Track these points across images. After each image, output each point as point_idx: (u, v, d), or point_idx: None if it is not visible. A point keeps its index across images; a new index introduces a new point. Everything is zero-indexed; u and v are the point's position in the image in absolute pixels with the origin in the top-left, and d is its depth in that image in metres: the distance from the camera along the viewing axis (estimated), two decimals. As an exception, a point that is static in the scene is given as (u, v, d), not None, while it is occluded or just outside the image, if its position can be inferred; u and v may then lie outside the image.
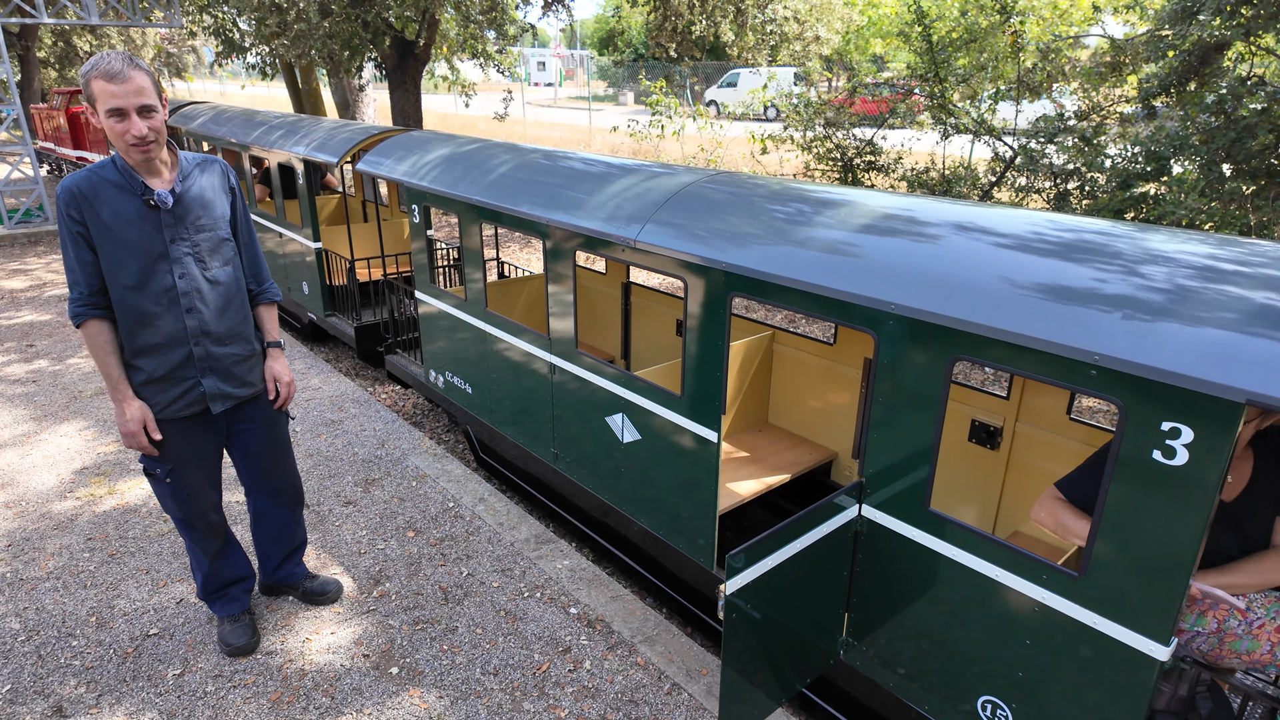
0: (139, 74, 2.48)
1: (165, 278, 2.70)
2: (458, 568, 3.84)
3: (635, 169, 3.73)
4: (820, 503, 2.50)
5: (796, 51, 10.45)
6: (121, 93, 2.45)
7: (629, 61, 23.54)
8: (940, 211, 2.67)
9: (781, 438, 4.16)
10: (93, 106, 2.48)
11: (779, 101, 8.32)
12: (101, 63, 2.44)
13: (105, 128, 2.52)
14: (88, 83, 2.44)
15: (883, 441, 2.53)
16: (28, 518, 4.24)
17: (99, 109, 2.47)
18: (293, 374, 2.98)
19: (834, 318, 2.56)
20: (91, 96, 2.46)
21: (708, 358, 3.02)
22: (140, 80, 2.48)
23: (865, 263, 2.51)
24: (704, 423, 3.11)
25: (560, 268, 3.72)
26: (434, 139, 5.16)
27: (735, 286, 2.84)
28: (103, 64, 2.44)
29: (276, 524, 3.38)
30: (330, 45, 11.26)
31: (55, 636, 3.35)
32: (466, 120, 26.55)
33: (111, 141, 2.57)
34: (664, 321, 4.91)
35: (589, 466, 3.89)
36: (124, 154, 2.59)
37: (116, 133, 2.51)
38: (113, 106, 2.46)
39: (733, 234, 2.91)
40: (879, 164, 7.63)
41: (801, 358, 4.10)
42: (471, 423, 4.91)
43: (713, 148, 10.62)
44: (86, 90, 2.46)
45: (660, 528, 3.53)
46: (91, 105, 2.48)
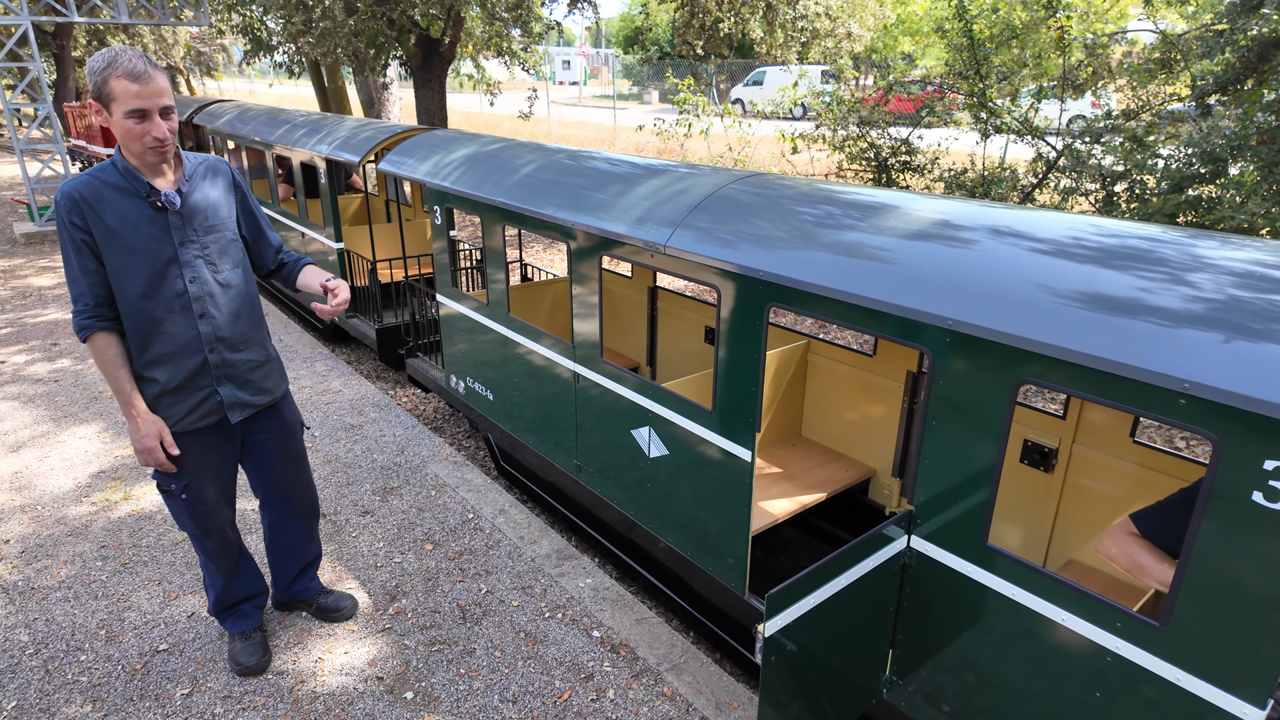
0: (160, 74, 2.39)
1: (176, 282, 2.57)
2: (476, 584, 3.69)
3: (664, 170, 3.56)
4: (867, 535, 2.31)
5: (827, 49, 10.20)
6: (146, 93, 2.34)
7: (655, 60, 23.35)
8: (994, 217, 2.46)
9: (816, 453, 3.96)
10: (106, 106, 2.34)
11: (810, 100, 8.10)
12: (122, 60, 2.30)
13: (119, 128, 2.37)
14: (105, 80, 2.30)
15: (936, 469, 2.33)
16: (43, 523, 4.17)
17: (117, 109, 2.34)
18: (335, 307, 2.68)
19: (881, 332, 2.36)
20: (108, 95, 2.32)
21: (742, 371, 2.83)
22: (162, 80, 2.39)
23: (917, 273, 2.31)
24: (736, 440, 2.92)
25: (585, 272, 3.55)
26: (457, 138, 5.02)
27: (772, 296, 2.66)
28: (124, 62, 2.30)
29: (291, 538, 3.25)
30: (355, 43, 11.20)
31: (64, 650, 3.25)
32: (491, 119, 26.53)
33: (123, 143, 2.43)
34: (692, 328, 4.73)
35: (613, 480, 3.72)
36: (137, 156, 2.46)
37: (135, 134, 2.38)
38: (136, 107, 2.34)
39: (769, 240, 2.72)
40: (914, 164, 7.38)
41: (838, 369, 3.89)
42: (492, 430, 4.76)
43: (740, 147, 10.39)
44: (102, 88, 2.31)
45: (688, 548, 3.35)
46: (105, 104, 2.34)
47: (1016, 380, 2.08)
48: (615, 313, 5.33)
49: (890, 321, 2.33)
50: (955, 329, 2.17)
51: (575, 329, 3.70)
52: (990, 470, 2.19)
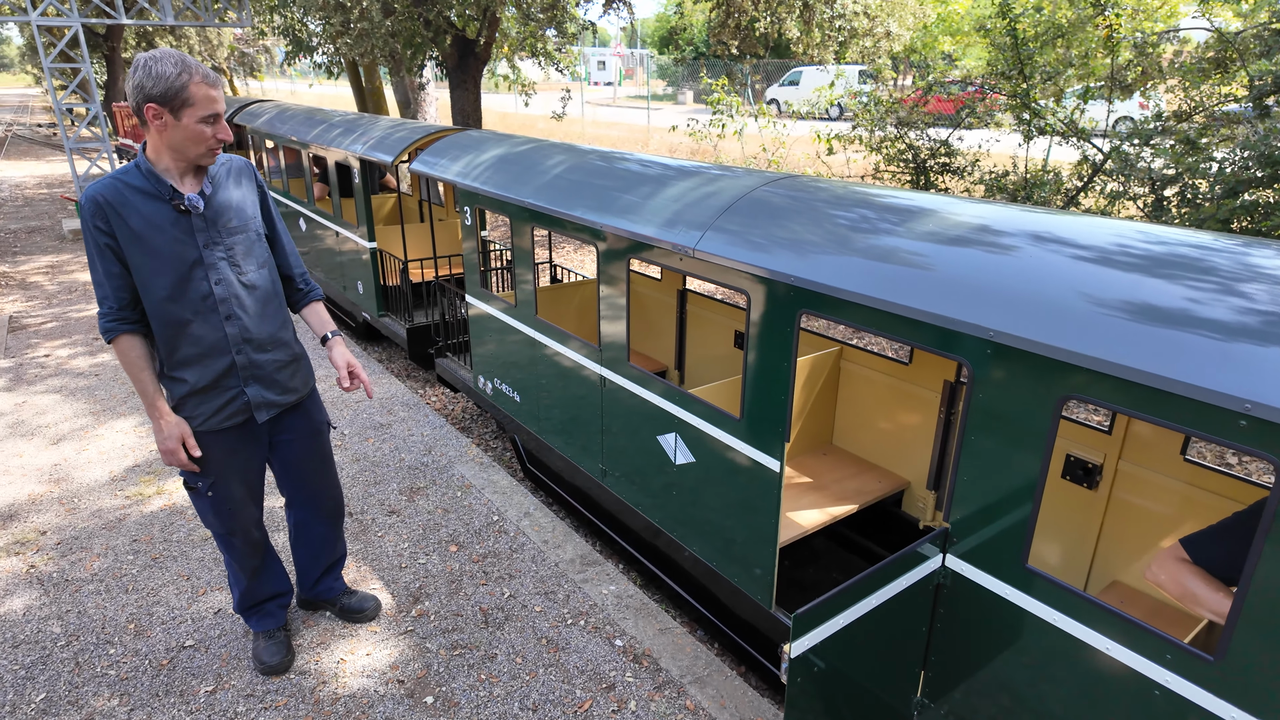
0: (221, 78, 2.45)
1: (201, 284, 2.58)
2: (499, 588, 3.66)
3: (695, 171, 3.49)
4: (900, 553, 2.22)
5: (865, 48, 10.01)
6: (219, 98, 2.44)
7: (689, 60, 23.26)
8: (1036, 222, 2.36)
9: (847, 462, 3.86)
10: (176, 110, 2.36)
11: (847, 100, 7.95)
12: (193, 65, 2.37)
13: (186, 131, 2.40)
14: (184, 85, 2.33)
15: (974, 485, 2.23)
16: (78, 514, 4.24)
17: (191, 114, 2.37)
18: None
19: (917, 341, 2.27)
20: (185, 99, 2.35)
21: (771, 379, 2.76)
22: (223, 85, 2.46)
23: (955, 280, 2.22)
24: (765, 449, 2.85)
25: (613, 275, 3.50)
26: (489, 139, 5.01)
27: (804, 302, 2.58)
28: (196, 66, 2.38)
29: (316, 538, 3.25)
30: (392, 44, 11.31)
31: (94, 643, 3.29)
32: (526, 119, 26.67)
33: (179, 146, 2.44)
34: (721, 332, 4.65)
35: (638, 486, 3.67)
36: (192, 158, 2.49)
37: (203, 137, 2.43)
38: (212, 112, 2.42)
39: (802, 244, 2.64)
40: (954, 166, 7.20)
41: (872, 377, 3.79)
42: (519, 431, 4.74)
43: (775, 148, 10.27)
44: (179, 93, 2.33)
45: (713, 557, 3.28)
46: (175, 108, 2.35)
47: (1061, 395, 1.98)
48: (644, 315, 5.28)
49: (927, 331, 2.24)
50: (996, 340, 2.07)
51: (602, 332, 3.65)
52: (1031, 489, 2.09)
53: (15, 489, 4.50)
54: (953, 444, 3.49)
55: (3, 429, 5.27)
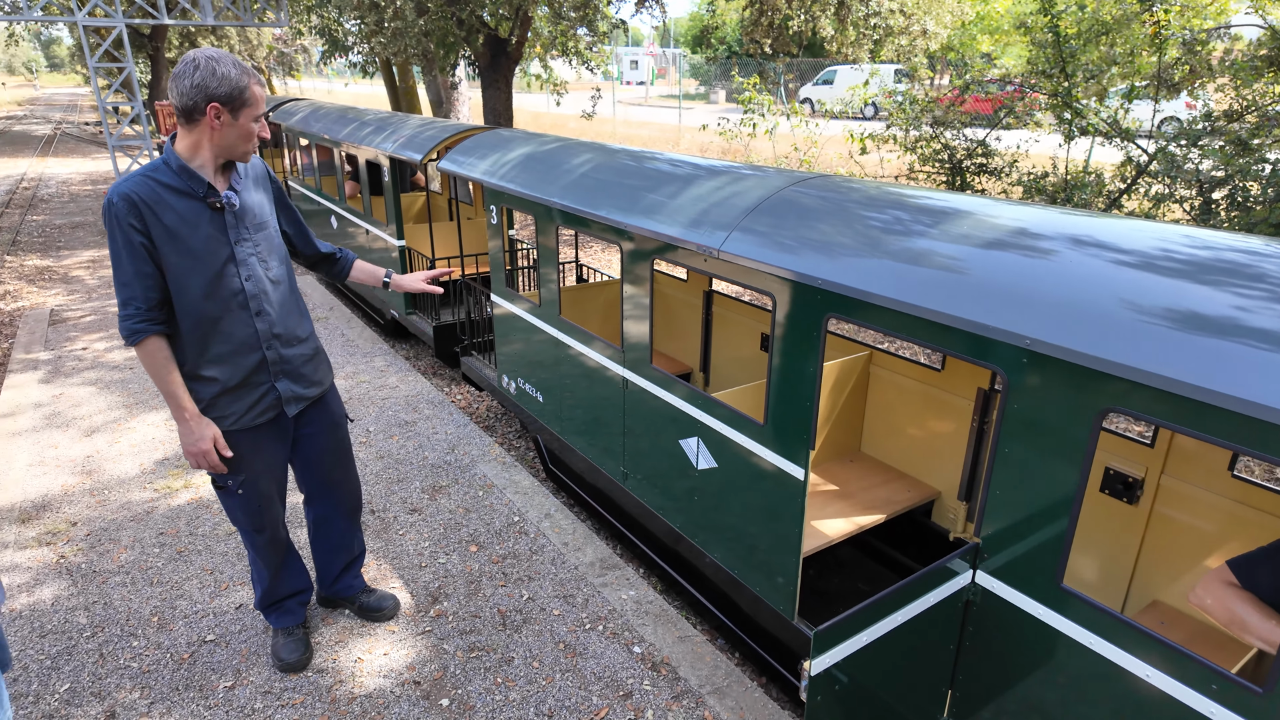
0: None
1: (233, 281, 2.58)
2: (518, 590, 3.63)
3: (724, 171, 3.42)
4: (927, 570, 2.13)
5: (901, 46, 9.82)
6: (266, 98, 2.55)
7: (722, 59, 23.11)
8: (1076, 225, 2.25)
9: (875, 470, 3.76)
10: (236, 110, 2.40)
11: (882, 99, 7.81)
12: (248, 67, 2.44)
13: (238, 130, 2.45)
14: (246, 86, 2.39)
15: (1007, 500, 2.14)
16: (108, 506, 4.30)
17: (249, 113, 2.44)
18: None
19: (949, 348, 2.18)
20: (246, 100, 2.41)
21: (796, 385, 2.68)
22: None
23: (990, 285, 2.13)
24: (789, 457, 2.77)
25: (637, 276, 3.45)
26: (516, 138, 4.99)
27: (831, 306, 2.50)
28: (251, 69, 2.45)
29: (335, 533, 3.25)
30: (425, 43, 11.38)
31: (118, 635, 3.32)
32: (557, 119, 26.75)
33: (230, 144, 2.47)
34: (748, 334, 4.57)
35: (660, 489, 3.61)
36: (240, 155, 2.53)
37: (251, 134, 2.49)
38: (263, 111, 2.49)
39: (830, 245, 2.56)
40: (991, 167, 7.02)
41: (902, 383, 3.68)
42: (541, 432, 4.71)
43: (807, 147, 10.12)
44: (243, 93, 2.38)
45: (735, 565, 3.21)
46: (236, 108, 2.40)
47: (1101, 408, 1.88)
48: (669, 316, 5.22)
49: (959, 337, 2.15)
50: (1033, 348, 1.98)
51: (625, 333, 3.60)
52: (1068, 505, 1.99)
53: (49, 480, 4.59)
54: (986, 454, 3.38)
55: (40, 420, 5.39)
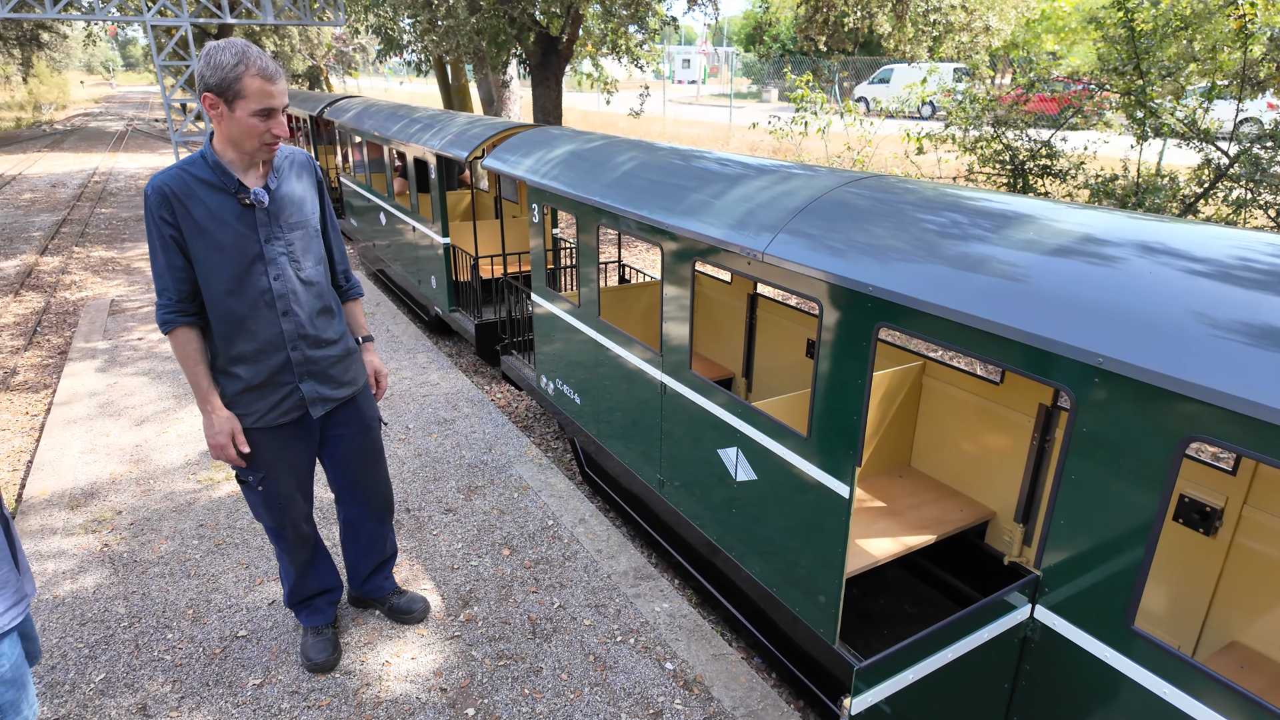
0: (283, 74, 2.39)
1: (260, 279, 2.55)
2: (550, 597, 3.55)
3: (770, 170, 3.28)
4: (982, 604, 1.97)
5: (962, 43, 9.48)
6: (276, 93, 2.36)
7: (775, 57, 22.77)
8: (1149, 232, 2.06)
9: (925, 487, 3.57)
10: (229, 101, 2.32)
11: (941, 97, 7.52)
12: (252, 57, 2.30)
13: (239, 124, 2.36)
14: (237, 77, 2.28)
15: (1072, 529, 1.96)
16: (152, 496, 4.37)
17: (244, 106, 2.32)
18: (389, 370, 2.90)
19: (1010, 363, 2.01)
20: (237, 91, 2.30)
21: (843, 397, 2.53)
22: (284, 81, 2.42)
23: (1056, 296, 1.95)
24: (834, 473, 2.62)
25: (677, 279, 3.33)
26: (561, 135, 4.91)
27: (882, 315, 2.34)
28: (255, 59, 2.30)
29: (365, 534, 3.21)
30: (477, 41, 11.45)
31: (154, 626, 3.35)
32: (607, 118, 26.74)
33: (235, 139, 2.41)
34: (793, 340, 4.41)
35: (697, 499, 3.49)
36: (248, 153, 2.46)
37: (256, 131, 2.38)
38: (268, 106, 2.35)
39: (883, 250, 2.41)
40: (1055, 169, 6.69)
41: (957, 396, 3.49)
42: (578, 434, 4.63)
43: (860, 146, 9.85)
44: (232, 84, 2.29)
45: (774, 582, 3.07)
46: (228, 99, 2.31)
47: (1184, 436, 1.69)
48: (711, 320, 5.08)
49: (1021, 352, 1.98)
50: (1105, 366, 1.80)
51: (665, 337, 3.49)
52: (1143, 540, 1.81)
53: (99, 467, 4.69)
54: (1046, 474, 3.17)
55: (95, 408, 5.53)
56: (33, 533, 4.00)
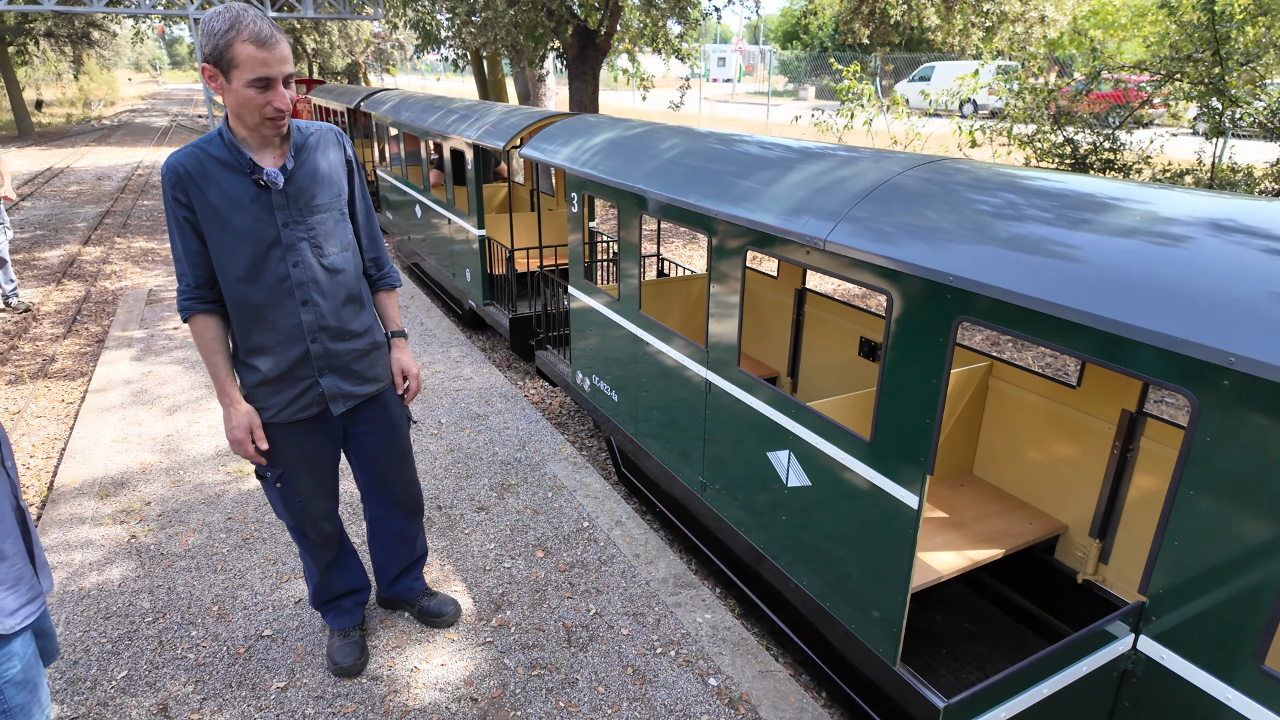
0: (284, 38, 2.18)
1: (279, 266, 2.38)
2: (585, 603, 3.38)
3: (826, 155, 3.07)
4: (1082, 634, 1.74)
5: (1016, 34, 9.10)
6: (272, 59, 2.13)
7: (815, 54, 22.39)
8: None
9: (990, 497, 3.33)
10: (225, 72, 2.13)
11: (997, 87, 7.20)
12: (246, 23, 2.08)
13: (237, 97, 2.18)
14: (228, 44, 2.08)
15: (1189, 552, 1.72)
16: (182, 487, 4.29)
17: (238, 76, 2.12)
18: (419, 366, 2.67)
19: (1122, 364, 1.78)
20: (230, 61, 2.11)
21: (915, 399, 2.31)
22: (285, 47, 2.17)
23: (1170, 287, 1.72)
24: (901, 481, 2.40)
25: (726, 270, 3.13)
26: (601, 123, 4.74)
27: (964, 308, 2.12)
28: (249, 24, 2.08)
29: (393, 535, 3.07)
30: (514, 34, 11.34)
31: (178, 623, 3.24)
32: (643, 114, 26.56)
33: (237, 113, 2.23)
34: (844, 338, 4.18)
35: (742, 504, 3.28)
36: (252, 128, 2.27)
37: (255, 104, 2.18)
38: (261, 75, 2.13)
39: (961, 237, 2.18)
40: (1119, 163, 6.34)
41: (1027, 399, 3.24)
42: (615, 432, 4.45)
43: (908, 141, 9.53)
44: (224, 53, 2.10)
45: (827, 596, 2.86)
46: (224, 70, 2.13)
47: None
48: (756, 315, 4.87)
49: (1136, 352, 1.74)
50: (1236, 367, 1.56)
51: (710, 332, 3.29)
52: (1278, 570, 1.57)
53: (130, 457, 4.63)
54: (1128, 486, 2.91)
55: (129, 396, 5.49)
56: (62, 522, 3.93)
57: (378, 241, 2.75)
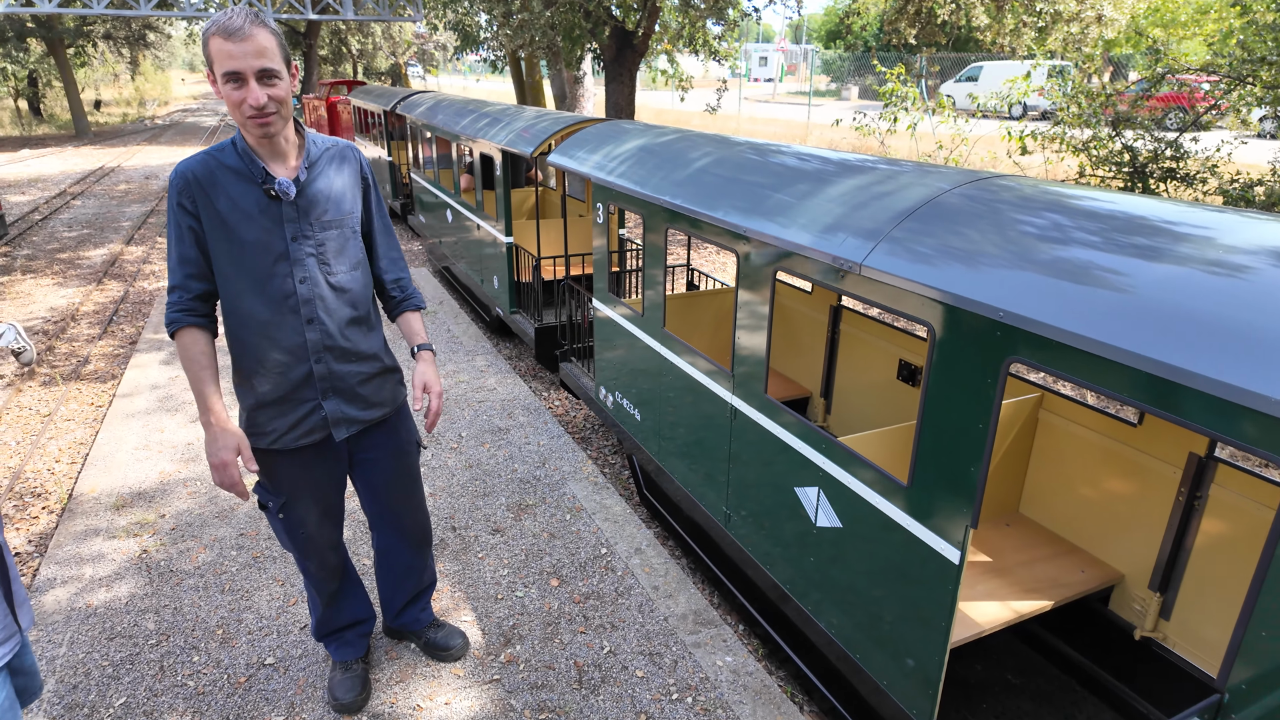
0: (262, 32, 2.04)
1: (285, 282, 2.27)
2: (599, 639, 3.20)
3: (868, 168, 2.84)
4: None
5: (1071, 34, 8.68)
6: (239, 53, 2.00)
7: (859, 53, 21.92)
8: None
9: (1039, 539, 3.06)
10: (211, 70, 2.08)
11: (1051, 91, 6.84)
12: (221, 18, 2.02)
13: (225, 98, 2.10)
14: (206, 41, 2.03)
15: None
16: (197, 499, 4.23)
17: (215, 72, 2.05)
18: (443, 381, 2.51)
19: (1205, 425, 1.54)
20: (209, 58, 2.04)
21: (957, 443, 2.09)
22: (263, 39, 2.03)
23: (1267, 338, 1.48)
24: (941, 533, 2.18)
25: (754, 289, 2.93)
26: (631, 129, 4.56)
27: (1016, 346, 1.89)
28: (224, 18, 2.01)
29: (400, 565, 2.93)
30: (551, 35, 11.23)
31: (181, 646, 3.15)
32: (680, 115, 26.35)
33: (231, 115, 2.16)
34: (882, 360, 3.94)
35: (768, 539, 3.08)
36: (243, 129, 2.17)
37: (233, 102, 2.08)
38: (230, 69, 2.02)
39: (1018, 266, 1.95)
40: (1181, 172, 5.96)
41: (1081, 435, 2.97)
42: (637, 452, 4.26)
43: (954, 145, 9.16)
44: (205, 50, 2.05)
45: (857, 646, 2.64)
46: (210, 70, 2.08)
47: None
48: (788, 330, 4.64)
49: (1224, 412, 1.50)
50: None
51: (737, 355, 3.09)
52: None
53: (150, 465, 4.59)
54: (1194, 536, 2.64)
55: (154, 402, 5.48)
56: (77, 535, 3.89)
57: (399, 262, 2.61)
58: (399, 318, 2.63)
